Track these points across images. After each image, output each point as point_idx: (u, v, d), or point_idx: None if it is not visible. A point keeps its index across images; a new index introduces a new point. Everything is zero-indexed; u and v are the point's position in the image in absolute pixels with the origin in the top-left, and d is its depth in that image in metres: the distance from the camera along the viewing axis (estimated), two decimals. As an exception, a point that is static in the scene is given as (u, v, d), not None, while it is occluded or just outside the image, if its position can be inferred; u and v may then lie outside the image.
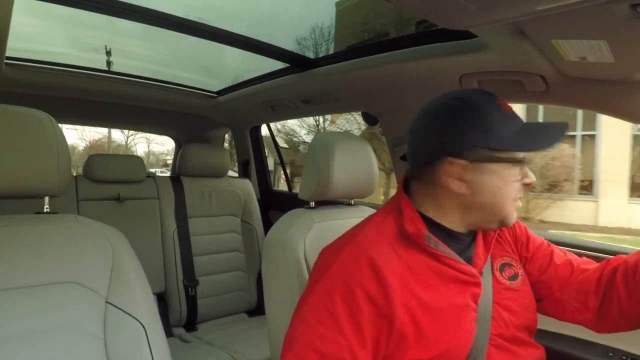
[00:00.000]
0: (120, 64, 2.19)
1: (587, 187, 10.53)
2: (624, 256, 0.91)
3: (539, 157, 9.43)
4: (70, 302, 0.85)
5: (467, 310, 0.79)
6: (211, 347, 1.94)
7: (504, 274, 0.89)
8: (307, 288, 0.83)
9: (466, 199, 0.82)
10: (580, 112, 9.85)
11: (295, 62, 1.76)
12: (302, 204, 1.28)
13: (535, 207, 10.14)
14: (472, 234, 0.89)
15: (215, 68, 2.35)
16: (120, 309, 0.89)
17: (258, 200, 2.60)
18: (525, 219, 9.77)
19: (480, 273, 0.84)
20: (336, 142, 1.18)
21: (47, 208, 0.98)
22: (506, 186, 0.81)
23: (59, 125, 0.97)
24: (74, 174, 2.06)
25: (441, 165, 0.81)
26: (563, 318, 0.94)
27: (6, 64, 1.60)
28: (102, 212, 2.00)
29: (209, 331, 2.14)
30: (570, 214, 10.40)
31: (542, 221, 10.34)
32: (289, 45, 1.64)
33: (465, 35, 1.13)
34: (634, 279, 0.85)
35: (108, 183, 2.08)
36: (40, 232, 0.90)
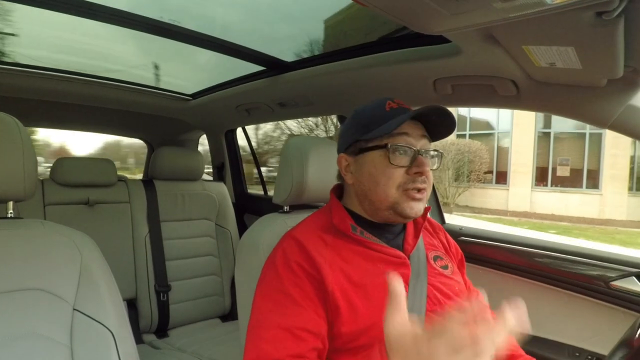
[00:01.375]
0: (91, 66, 2.13)
1: (503, 178, 13.06)
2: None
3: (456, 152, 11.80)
4: (36, 310, 0.83)
5: None
6: (182, 353, 1.91)
7: (436, 263, 0.99)
8: (257, 285, 0.89)
9: (355, 188, 0.96)
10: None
11: (271, 65, 1.75)
12: (277, 208, 1.27)
13: (458, 194, 12.54)
14: (401, 225, 1.00)
15: (189, 70, 2.32)
16: (88, 316, 0.87)
17: (233, 203, 2.57)
18: (446, 204, 11.86)
19: (409, 256, 0.93)
20: (310, 147, 1.18)
21: (11, 213, 0.95)
22: (380, 172, 0.89)
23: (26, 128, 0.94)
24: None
25: (339, 162, 0.99)
26: None
27: (-30, 64, 1.55)
28: (71, 216, 1.94)
29: (181, 337, 2.10)
30: (489, 200, 13.26)
31: (466, 206, 12.76)
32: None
33: (439, 40, 1.14)
34: None
35: (77, 187, 2.02)
36: (3, 238, 0.87)
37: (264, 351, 0.77)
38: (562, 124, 12.28)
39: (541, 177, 12.64)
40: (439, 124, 0.92)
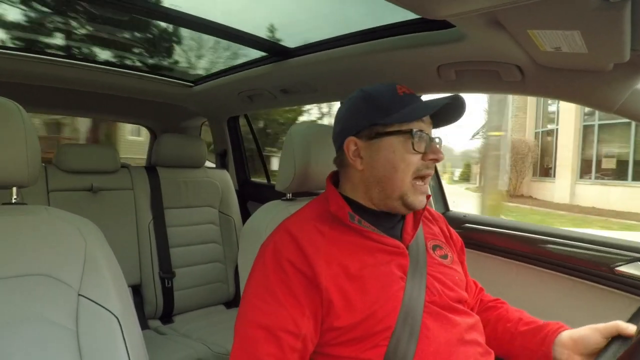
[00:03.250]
0: (93, 52, 2.12)
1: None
2: (507, 306, 1.09)
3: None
4: (42, 295, 0.83)
5: (393, 278, 0.86)
6: (188, 339, 1.93)
7: (436, 253, 0.98)
8: (248, 277, 0.89)
9: (365, 174, 0.92)
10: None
11: (273, 52, 1.74)
12: (280, 195, 1.27)
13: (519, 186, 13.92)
14: (401, 215, 0.97)
15: (192, 56, 2.31)
16: (94, 302, 0.87)
17: (236, 191, 2.57)
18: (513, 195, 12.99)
19: (407, 246, 0.92)
20: (312, 133, 1.17)
21: (15, 198, 0.95)
22: (399, 158, 0.87)
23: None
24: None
25: (346, 146, 0.92)
26: None
27: (-28, 50, 1.54)
28: (74, 203, 1.95)
29: (186, 323, 2.12)
30: (541, 192, 13.56)
31: (522, 195, 13.76)
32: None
33: (443, 25, 1.13)
34: (499, 324, 1.03)
35: (80, 173, 2.02)
36: (8, 223, 0.87)
37: (245, 351, 0.79)
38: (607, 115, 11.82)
39: (587, 169, 12.46)
40: (446, 112, 0.92)
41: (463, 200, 11.57)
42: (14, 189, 0.95)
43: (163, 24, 1.91)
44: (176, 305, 2.18)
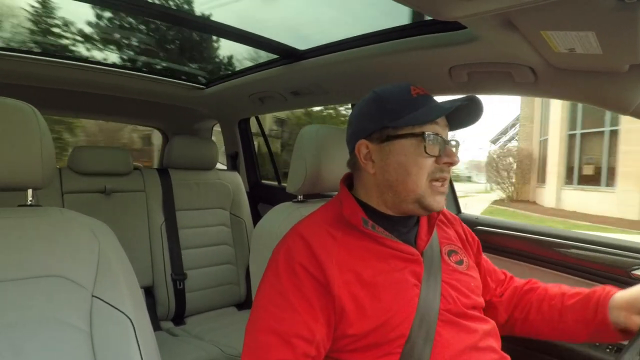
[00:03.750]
0: (106, 54, 2.15)
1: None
2: (542, 284, 1.06)
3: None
4: (56, 296, 0.84)
5: (407, 286, 0.84)
6: (200, 340, 1.93)
7: (451, 259, 0.96)
8: (260, 280, 0.88)
9: (377, 178, 0.90)
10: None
11: (285, 54, 1.74)
12: (291, 197, 1.27)
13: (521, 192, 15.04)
14: (415, 219, 0.96)
15: (203, 59, 2.33)
16: (107, 303, 0.88)
17: (247, 193, 2.58)
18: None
19: (422, 252, 0.90)
20: (324, 135, 1.17)
21: (31, 200, 0.96)
22: (411, 162, 0.85)
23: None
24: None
25: (357, 149, 0.91)
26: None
27: (-13, 54, 1.57)
28: (88, 205, 1.97)
29: (198, 325, 2.13)
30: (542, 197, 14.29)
31: (528, 201, 14.63)
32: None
33: (455, 26, 1.12)
34: (544, 304, 1.00)
35: (94, 175, 2.04)
36: (24, 225, 0.88)
37: (257, 357, 0.78)
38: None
39: (570, 176, 13.16)
40: (462, 114, 0.89)
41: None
42: (29, 191, 0.96)
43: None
44: (188, 306, 2.19)
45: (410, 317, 0.81)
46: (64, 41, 2.00)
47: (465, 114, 0.89)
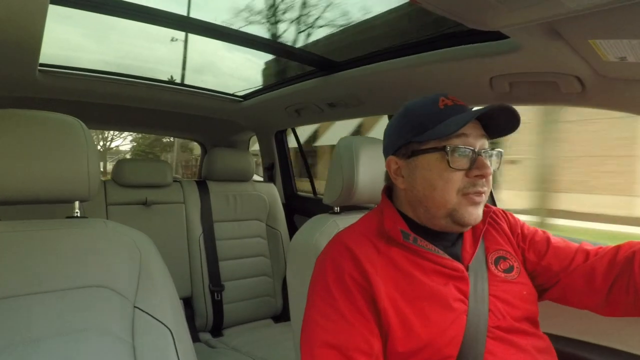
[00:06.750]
0: (148, 69, 2.22)
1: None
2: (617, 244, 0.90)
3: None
4: (100, 306, 0.86)
5: (453, 303, 0.80)
6: (237, 352, 1.94)
7: (499, 267, 0.90)
8: (308, 292, 0.85)
9: (408, 193, 0.89)
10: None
11: (321, 66, 1.75)
12: (327, 208, 1.26)
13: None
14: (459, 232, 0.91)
15: (241, 72, 2.36)
16: (148, 314, 0.89)
17: (283, 204, 2.59)
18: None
19: (467, 267, 0.85)
20: (361, 147, 1.16)
21: (77, 212, 0.99)
22: (436, 176, 0.83)
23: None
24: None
25: (387, 165, 0.92)
26: (570, 303, 0.93)
27: (39, 70, 1.64)
28: (130, 216, 2.03)
29: (235, 336, 2.13)
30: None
31: None
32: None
33: (496, 36, 1.09)
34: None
35: (135, 187, 2.11)
36: (70, 236, 0.91)
37: None
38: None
39: None
40: (500, 121, 0.84)
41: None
42: (76, 203, 0.99)
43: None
44: (225, 318, 2.21)
45: (457, 338, 0.77)
46: (109, 57, 2.07)
47: (501, 121, 0.85)
